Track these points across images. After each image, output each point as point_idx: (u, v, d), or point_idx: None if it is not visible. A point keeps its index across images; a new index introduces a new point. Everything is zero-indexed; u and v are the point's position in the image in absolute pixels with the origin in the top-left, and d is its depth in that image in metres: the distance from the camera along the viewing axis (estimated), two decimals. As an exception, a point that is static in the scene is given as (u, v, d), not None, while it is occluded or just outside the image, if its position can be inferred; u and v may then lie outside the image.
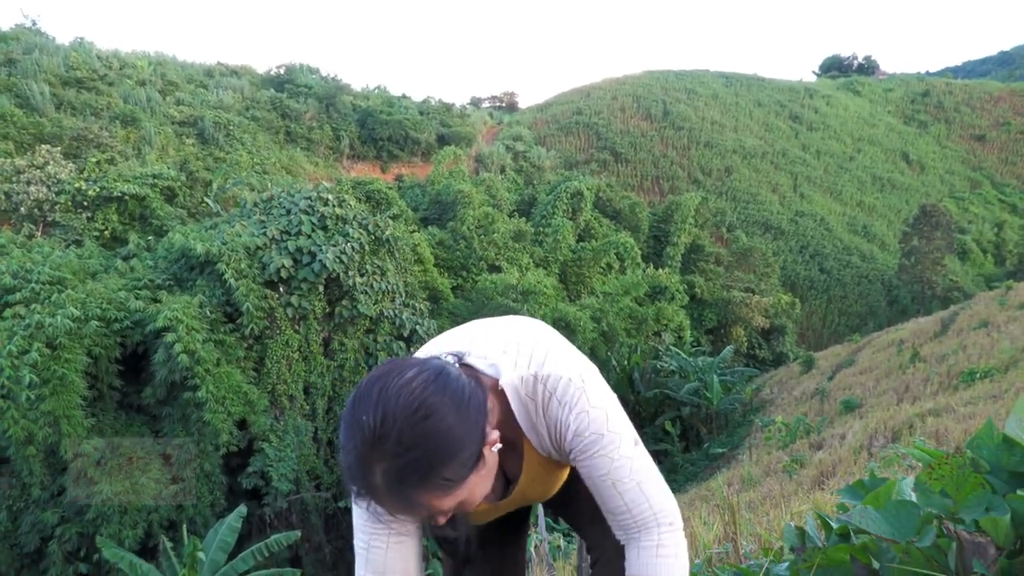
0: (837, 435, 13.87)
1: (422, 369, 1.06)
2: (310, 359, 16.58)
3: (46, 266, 15.01)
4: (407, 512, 1.08)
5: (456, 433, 1.03)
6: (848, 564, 1.33)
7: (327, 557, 16.26)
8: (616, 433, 1.22)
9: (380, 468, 1.01)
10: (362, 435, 1.01)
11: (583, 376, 1.23)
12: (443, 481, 1.03)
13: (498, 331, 1.30)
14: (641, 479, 1.24)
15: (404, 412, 1.00)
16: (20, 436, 12.68)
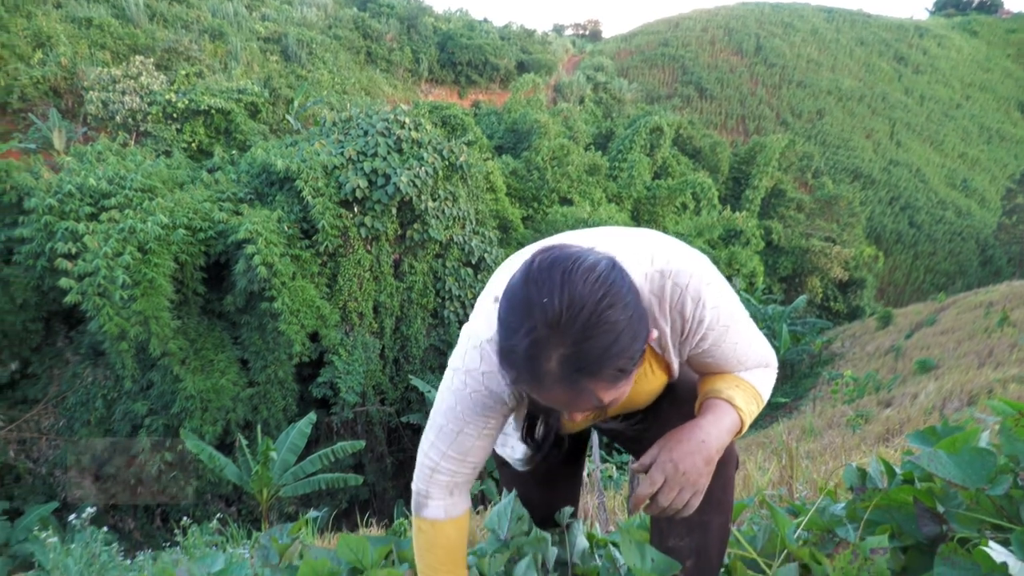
0: (909, 394, 13.42)
1: (600, 257, 1.04)
2: (380, 279, 17.00)
3: (138, 174, 15.72)
4: (572, 401, 1.05)
5: (634, 325, 1.02)
6: (910, 506, 1.30)
7: (388, 468, 17.10)
8: (738, 319, 1.25)
9: (557, 353, 0.98)
10: (544, 318, 0.98)
11: (707, 270, 1.22)
12: (616, 372, 1.01)
13: (612, 234, 1.29)
14: (757, 345, 1.31)
15: (592, 297, 0.98)
16: (114, 332, 13.62)
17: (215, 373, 15.07)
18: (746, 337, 1.29)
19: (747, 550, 1.41)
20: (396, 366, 17.52)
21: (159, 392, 14.89)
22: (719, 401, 1.27)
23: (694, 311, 1.20)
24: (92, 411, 15.38)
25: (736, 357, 1.30)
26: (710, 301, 1.20)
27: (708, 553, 1.39)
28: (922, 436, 1.49)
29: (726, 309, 1.23)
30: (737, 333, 1.26)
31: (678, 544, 1.40)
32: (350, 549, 1.34)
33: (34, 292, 14.85)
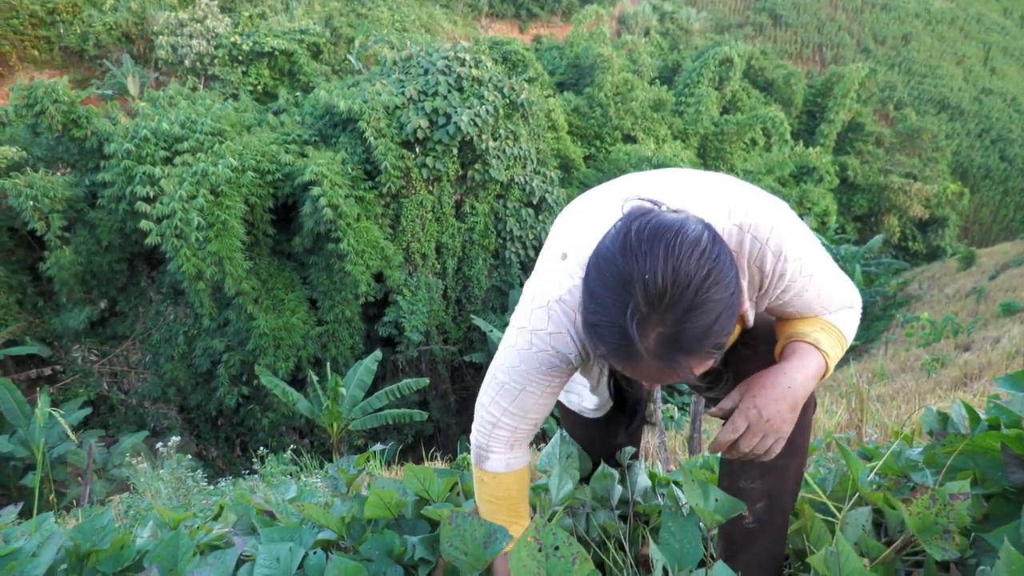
0: (990, 338, 12.82)
1: (702, 228, 0.99)
2: (442, 220, 17.11)
3: (208, 118, 16.09)
4: (666, 375, 1.02)
5: (732, 303, 0.98)
6: (996, 453, 1.23)
7: (452, 405, 17.58)
8: (820, 267, 1.21)
9: (657, 332, 0.95)
10: (645, 295, 0.94)
11: (787, 221, 1.17)
12: (713, 348, 0.98)
13: (685, 182, 1.22)
14: (840, 287, 1.26)
15: (698, 275, 0.94)
16: (192, 272, 14.24)
17: (286, 312, 15.63)
18: (830, 283, 1.24)
19: (816, 493, 1.38)
20: (458, 306, 17.77)
21: (235, 330, 15.58)
22: (804, 345, 1.22)
23: (775, 265, 1.15)
24: (175, 347, 16.27)
25: (820, 303, 1.25)
26: (792, 254, 1.15)
27: (781, 497, 1.36)
28: (1011, 380, 1.41)
29: (808, 259, 1.17)
30: (820, 281, 1.21)
31: (749, 486, 1.36)
32: (417, 479, 1.38)
33: (118, 234, 15.61)
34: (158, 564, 1.30)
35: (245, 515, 1.66)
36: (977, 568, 1.10)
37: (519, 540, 0.98)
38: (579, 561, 0.92)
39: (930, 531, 1.06)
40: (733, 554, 1.39)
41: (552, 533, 0.95)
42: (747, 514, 1.36)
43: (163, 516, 1.82)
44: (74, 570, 1.47)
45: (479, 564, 1.13)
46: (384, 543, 1.26)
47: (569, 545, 0.94)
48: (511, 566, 0.95)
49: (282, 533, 1.32)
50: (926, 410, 1.57)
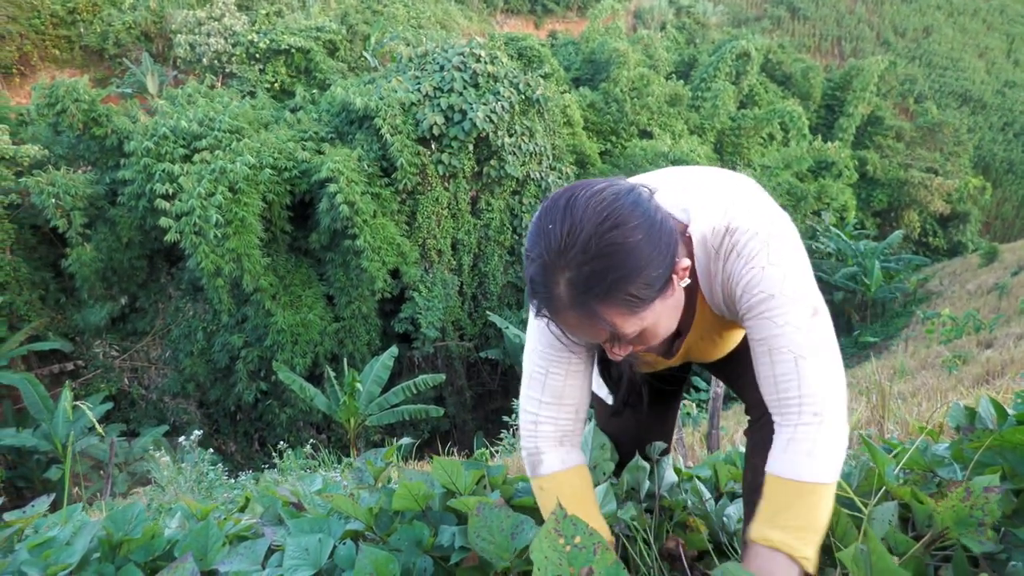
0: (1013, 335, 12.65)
1: (613, 183, 1.04)
2: (458, 216, 17.15)
3: (226, 115, 16.23)
4: (588, 327, 1.04)
5: (644, 249, 0.99)
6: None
7: (468, 400, 17.63)
8: (789, 297, 1.08)
9: (564, 277, 0.99)
10: (547, 243, 0.99)
11: (772, 231, 1.11)
12: (628, 297, 1.00)
13: (694, 177, 1.22)
14: (801, 354, 1.08)
15: (592, 220, 0.98)
16: (210, 268, 14.38)
17: (303, 308, 15.75)
18: (794, 324, 1.08)
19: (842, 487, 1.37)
20: (474, 302, 17.81)
21: (253, 325, 15.72)
22: (755, 549, 1.09)
23: (736, 268, 1.11)
24: (194, 343, 16.45)
25: (774, 355, 1.10)
26: (754, 261, 1.08)
27: None
28: (1041, 375, 1.40)
29: (773, 274, 1.08)
30: (780, 311, 1.08)
31: None
32: (445, 472, 1.39)
33: (138, 231, 15.79)
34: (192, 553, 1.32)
35: (272, 507, 1.68)
36: (1008, 563, 1.10)
37: (542, 530, 0.95)
38: (601, 552, 0.93)
39: (964, 524, 1.06)
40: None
41: (573, 523, 0.95)
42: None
43: (191, 507, 1.85)
44: (106, 558, 1.50)
45: (506, 554, 1.14)
46: (413, 534, 1.28)
47: (590, 536, 0.94)
48: (533, 557, 0.94)
49: (311, 524, 1.33)
50: (953, 405, 1.56)
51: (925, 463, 1.47)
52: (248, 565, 1.31)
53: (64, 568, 1.44)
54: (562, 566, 0.92)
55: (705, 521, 1.64)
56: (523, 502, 1.50)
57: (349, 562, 1.21)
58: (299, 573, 1.20)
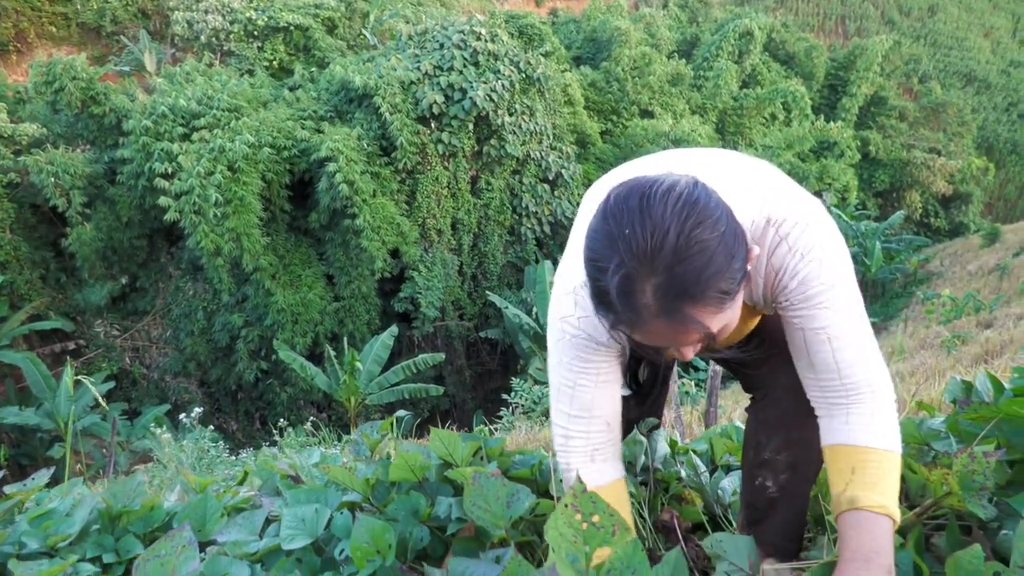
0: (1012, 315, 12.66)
1: (677, 178, 0.96)
2: (458, 196, 17.09)
3: (224, 94, 16.11)
4: (677, 333, 0.97)
5: (728, 241, 0.94)
6: (1021, 419, 1.23)
7: (467, 380, 17.70)
8: (844, 285, 1.10)
9: (651, 284, 0.92)
10: (630, 250, 0.91)
11: (818, 220, 1.10)
12: (720, 294, 0.94)
13: (717, 165, 1.17)
14: (862, 341, 1.12)
15: (677, 219, 0.91)
16: (210, 248, 14.36)
17: (303, 288, 15.75)
18: (852, 311, 1.11)
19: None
20: (474, 282, 17.81)
21: (253, 305, 15.74)
22: (845, 517, 1.08)
23: (789, 261, 1.09)
24: (195, 322, 16.48)
25: (834, 342, 1.11)
26: (812, 254, 1.08)
27: (805, 467, 1.36)
28: (1038, 349, 1.40)
29: (831, 269, 1.09)
30: (842, 304, 1.10)
31: (775, 457, 1.36)
32: (442, 443, 1.40)
33: (137, 210, 15.75)
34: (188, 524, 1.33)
35: (270, 479, 1.69)
36: (999, 531, 1.11)
37: (557, 507, 0.94)
38: (620, 532, 0.92)
39: (968, 489, 1.07)
40: (756, 521, 1.40)
41: (592, 501, 0.94)
42: (770, 484, 1.37)
43: (190, 481, 1.86)
44: (106, 530, 1.51)
45: (502, 523, 1.14)
46: (410, 504, 1.29)
47: (610, 515, 0.93)
48: (548, 536, 0.92)
49: (308, 495, 1.34)
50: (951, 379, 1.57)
51: (920, 436, 1.48)
52: (246, 535, 1.32)
53: (64, 539, 1.46)
54: (577, 544, 0.89)
55: (700, 493, 1.65)
56: (520, 474, 1.50)
57: (346, 531, 1.22)
58: (296, 542, 1.21)
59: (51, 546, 1.45)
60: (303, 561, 1.19)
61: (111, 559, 1.43)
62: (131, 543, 1.46)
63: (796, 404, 1.29)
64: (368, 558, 1.10)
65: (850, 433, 1.12)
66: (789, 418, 1.33)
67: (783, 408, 1.34)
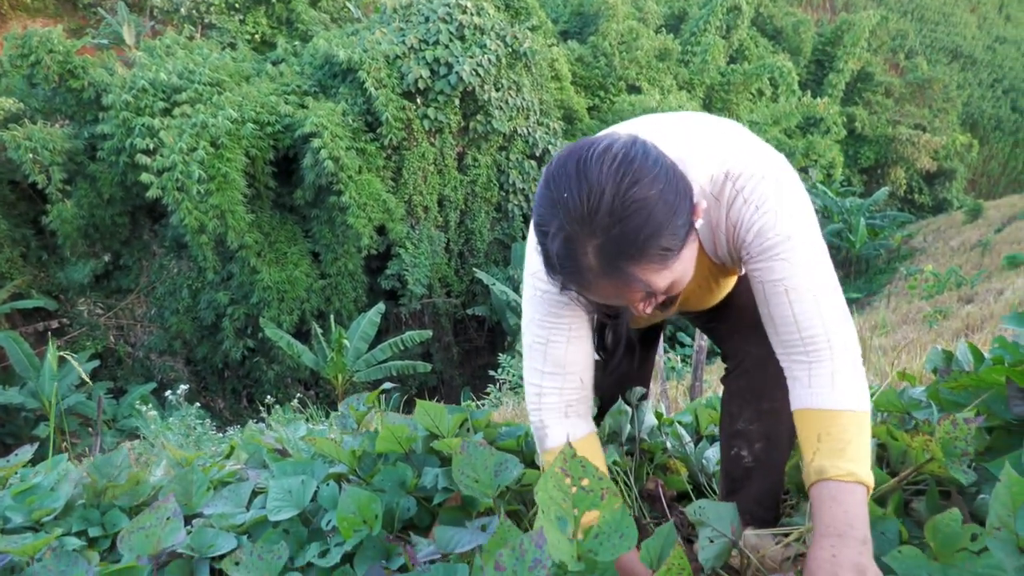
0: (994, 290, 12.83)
1: (613, 137, 0.97)
2: (444, 172, 16.97)
3: (206, 68, 15.82)
4: (623, 291, 0.98)
5: (668, 198, 0.93)
6: (1001, 387, 1.25)
7: (455, 356, 17.73)
8: (803, 236, 1.08)
9: (592, 245, 0.93)
10: (567, 213, 0.92)
11: (777, 174, 1.09)
12: (661, 252, 0.94)
13: (680, 125, 1.16)
14: (819, 292, 1.09)
15: (611, 180, 0.91)
16: (194, 225, 14.21)
17: (289, 265, 15.65)
18: (810, 261, 1.08)
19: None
20: (461, 259, 17.77)
21: (239, 283, 15.63)
22: (815, 490, 1.06)
23: (745, 214, 1.08)
24: (179, 300, 16.35)
25: (791, 294, 1.09)
26: (766, 205, 1.06)
27: (779, 437, 1.37)
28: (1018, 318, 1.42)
29: (785, 216, 1.07)
30: (796, 251, 1.07)
31: (748, 428, 1.38)
32: (428, 415, 1.40)
33: (119, 187, 15.52)
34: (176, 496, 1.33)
35: (256, 453, 1.69)
36: (978, 496, 1.13)
37: (547, 471, 0.94)
38: (608, 496, 0.92)
39: (950, 454, 1.08)
40: (734, 491, 1.42)
41: (581, 465, 0.95)
42: (745, 454, 1.38)
43: (175, 455, 1.85)
44: (91, 504, 1.51)
45: (491, 491, 1.15)
46: (397, 475, 1.29)
47: (599, 480, 0.94)
48: (538, 498, 0.92)
49: (295, 467, 1.34)
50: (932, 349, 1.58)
51: (901, 405, 1.50)
52: (232, 507, 1.32)
53: (48, 513, 1.45)
54: (566, 507, 0.90)
55: (685, 463, 1.67)
56: (506, 445, 1.51)
57: (332, 502, 1.22)
58: (282, 514, 1.21)
59: (36, 520, 1.44)
60: (290, 532, 1.20)
61: (97, 533, 1.42)
62: (117, 517, 1.45)
63: (765, 375, 1.30)
64: (355, 528, 1.10)
65: (813, 396, 1.10)
66: (759, 388, 1.35)
67: (753, 378, 1.35)
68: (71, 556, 1.14)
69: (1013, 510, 0.83)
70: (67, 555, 1.16)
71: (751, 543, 1.17)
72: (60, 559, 1.14)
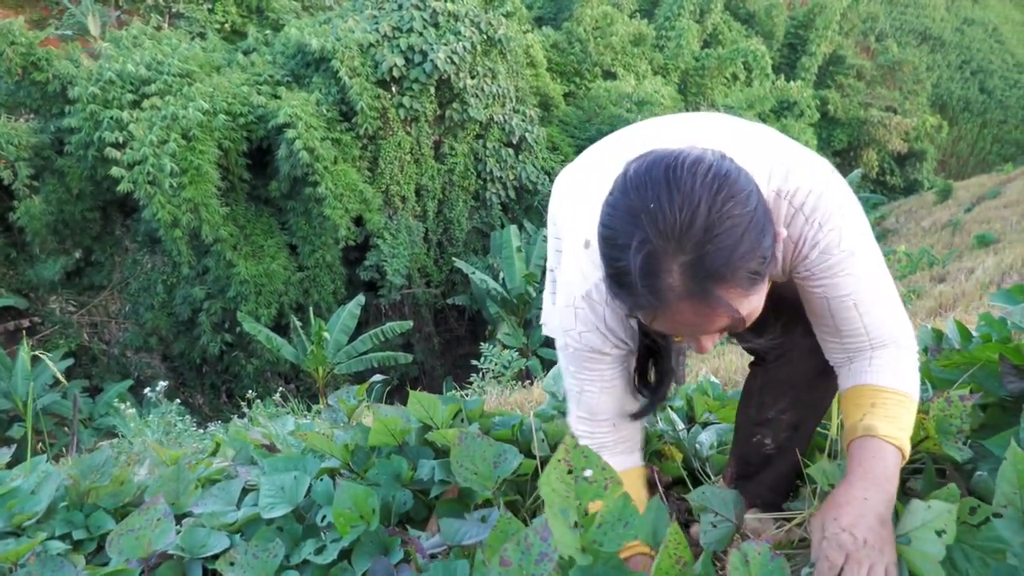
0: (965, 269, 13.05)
1: (705, 150, 0.90)
2: (421, 161, 16.85)
3: (175, 58, 15.50)
4: (705, 317, 0.90)
5: (759, 218, 0.87)
6: (993, 364, 1.25)
7: (436, 346, 17.69)
8: (865, 249, 1.07)
9: (679, 262, 0.84)
10: (655, 225, 0.84)
11: (832, 187, 1.05)
12: (751, 275, 0.87)
13: (722, 134, 1.09)
14: (886, 301, 1.10)
15: (708, 193, 0.84)
16: (167, 219, 13.98)
17: (266, 258, 15.47)
18: (874, 272, 1.08)
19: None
20: (440, 249, 17.69)
21: (215, 277, 15.42)
22: (861, 442, 1.07)
23: (807, 232, 1.03)
24: (154, 296, 16.09)
25: (861, 307, 1.08)
26: (829, 224, 1.02)
27: (805, 428, 1.36)
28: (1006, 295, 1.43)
29: (851, 235, 1.04)
30: (864, 269, 1.06)
31: (780, 416, 1.34)
32: (422, 406, 1.37)
33: (88, 182, 15.20)
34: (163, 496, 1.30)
35: (244, 449, 1.66)
36: (975, 473, 1.13)
37: (550, 463, 0.91)
38: (612, 486, 0.91)
39: (946, 433, 1.09)
40: (747, 476, 1.40)
41: (584, 456, 0.93)
42: (769, 441, 1.36)
43: (160, 454, 1.81)
44: (75, 507, 1.46)
45: (490, 483, 1.13)
46: (391, 468, 1.27)
47: (603, 470, 0.92)
48: (542, 491, 0.89)
49: (286, 463, 1.31)
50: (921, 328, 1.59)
51: (893, 385, 1.51)
52: (223, 505, 1.29)
53: (30, 517, 1.41)
54: (570, 499, 0.89)
55: (679, 448, 1.66)
56: (501, 435, 1.49)
57: (327, 498, 1.19)
58: (276, 510, 1.19)
59: (17, 525, 1.40)
60: (284, 529, 1.17)
61: (81, 535, 1.38)
62: (102, 519, 1.41)
63: (812, 367, 1.27)
64: (352, 523, 1.08)
65: (872, 374, 1.11)
66: (802, 380, 1.31)
67: (798, 370, 1.31)
68: (56, 561, 1.11)
69: (1019, 488, 0.83)
70: (52, 560, 1.12)
71: (752, 527, 1.17)
72: (45, 564, 1.10)
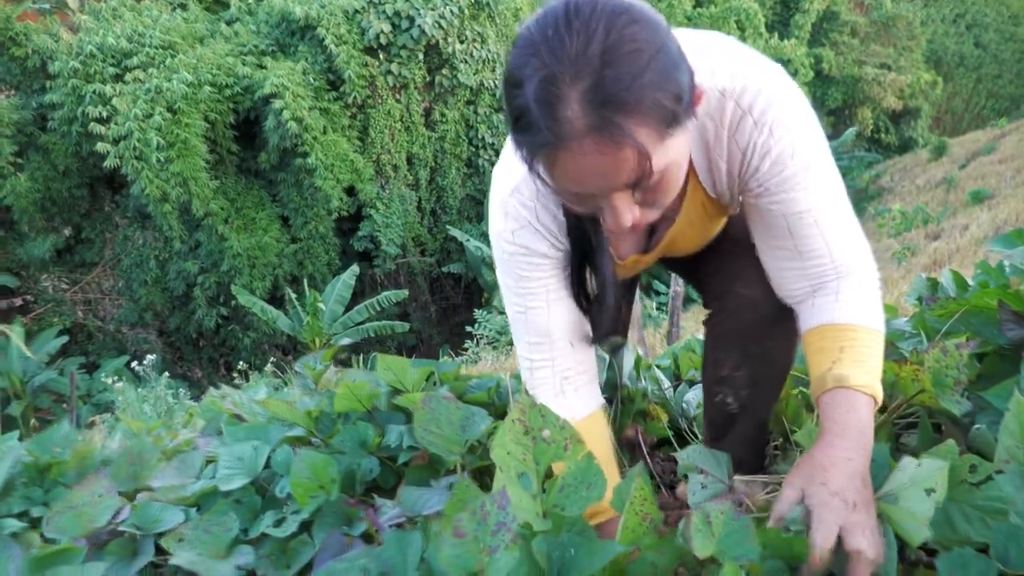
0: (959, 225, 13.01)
1: None
2: (412, 129, 16.62)
3: (156, 30, 15.17)
4: (610, 156, 0.78)
5: (671, 49, 0.78)
6: (991, 311, 1.18)
7: (432, 315, 17.67)
8: (823, 162, 0.98)
9: (577, 90, 0.74)
10: (551, 52, 0.75)
11: (785, 90, 0.95)
12: (657, 107, 0.76)
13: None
14: (845, 217, 1.04)
15: (607, 18, 0.75)
16: (156, 194, 13.82)
17: (258, 231, 15.35)
18: (832, 185, 1.01)
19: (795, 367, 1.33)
20: (434, 217, 17.56)
21: (207, 251, 15.32)
22: (831, 395, 0.99)
23: (756, 138, 0.94)
24: (147, 271, 16.00)
25: (822, 224, 1.01)
26: (781, 128, 0.93)
27: (767, 382, 1.27)
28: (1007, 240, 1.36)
29: (804, 143, 0.95)
30: (820, 179, 0.98)
31: (733, 374, 1.26)
32: (391, 370, 1.30)
33: (74, 158, 14.99)
34: (120, 470, 1.24)
35: (214, 420, 1.60)
36: (972, 427, 1.07)
37: (503, 424, 0.84)
38: (573, 446, 0.84)
39: (942, 385, 1.02)
40: (717, 438, 1.34)
41: (540, 415, 0.86)
42: (731, 400, 1.29)
43: (131, 426, 1.75)
44: (34, 483, 1.41)
45: (456, 447, 1.07)
46: (357, 434, 1.20)
47: (561, 429, 0.85)
48: (494, 455, 0.83)
49: (248, 432, 1.25)
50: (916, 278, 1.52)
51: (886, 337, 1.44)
52: (182, 478, 1.23)
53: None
54: (527, 462, 0.82)
55: (664, 408, 1.60)
56: (476, 398, 1.43)
57: (286, 468, 1.13)
58: (234, 482, 1.13)
59: (-27, 504, 1.34)
60: (242, 502, 1.11)
61: (40, 513, 1.33)
62: (62, 495, 1.35)
63: (754, 317, 1.20)
64: (311, 494, 1.02)
65: (839, 311, 1.03)
66: (747, 331, 1.23)
67: (741, 320, 1.23)
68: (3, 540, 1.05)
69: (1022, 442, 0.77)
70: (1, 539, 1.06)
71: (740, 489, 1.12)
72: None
